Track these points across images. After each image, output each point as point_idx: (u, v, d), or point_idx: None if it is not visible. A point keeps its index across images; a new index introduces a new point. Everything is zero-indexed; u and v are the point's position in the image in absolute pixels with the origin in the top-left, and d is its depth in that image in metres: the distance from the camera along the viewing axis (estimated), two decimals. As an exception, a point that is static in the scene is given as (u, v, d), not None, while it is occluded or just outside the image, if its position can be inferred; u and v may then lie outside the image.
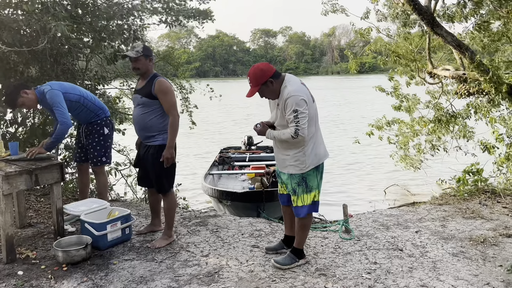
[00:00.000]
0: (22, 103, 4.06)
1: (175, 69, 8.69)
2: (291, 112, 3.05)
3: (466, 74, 6.51)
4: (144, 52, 3.62)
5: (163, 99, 3.61)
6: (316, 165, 3.25)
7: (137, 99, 3.71)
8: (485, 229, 4.15)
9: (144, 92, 3.65)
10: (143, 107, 3.67)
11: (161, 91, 3.60)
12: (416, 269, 3.31)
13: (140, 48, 3.62)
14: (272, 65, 3.25)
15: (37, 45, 4.67)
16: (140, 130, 3.76)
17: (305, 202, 3.26)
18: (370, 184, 10.08)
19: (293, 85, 3.12)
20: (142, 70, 3.66)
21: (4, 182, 3.33)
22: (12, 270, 3.35)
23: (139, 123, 3.73)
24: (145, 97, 3.63)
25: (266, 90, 3.18)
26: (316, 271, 3.31)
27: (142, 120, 3.68)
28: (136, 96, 3.73)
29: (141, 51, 3.60)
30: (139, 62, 3.63)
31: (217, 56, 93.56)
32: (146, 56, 3.63)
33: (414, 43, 7.69)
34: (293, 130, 3.06)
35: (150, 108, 3.64)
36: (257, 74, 3.13)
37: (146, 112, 3.66)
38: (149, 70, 3.70)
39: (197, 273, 3.28)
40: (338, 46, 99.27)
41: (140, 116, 3.69)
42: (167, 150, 3.63)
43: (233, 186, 7.86)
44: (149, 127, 3.67)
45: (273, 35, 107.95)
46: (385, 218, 4.62)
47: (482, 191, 5.48)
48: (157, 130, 3.67)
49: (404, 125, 8.17)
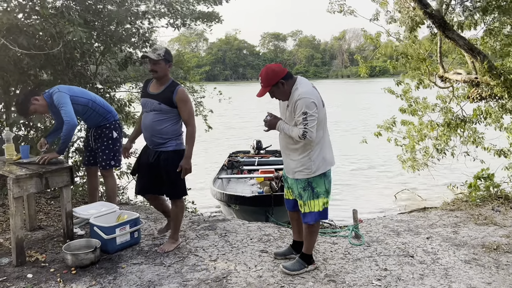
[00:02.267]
0: (34, 110, 4.11)
1: (186, 72, 8.72)
2: (300, 114, 3.03)
3: (478, 78, 6.44)
4: (166, 56, 3.54)
5: (183, 108, 3.56)
6: (323, 171, 3.22)
7: (153, 105, 3.58)
8: (498, 236, 4.07)
9: (163, 99, 3.55)
10: (159, 114, 3.57)
11: (182, 100, 3.55)
12: (428, 276, 3.25)
13: (162, 51, 3.53)
14: None
15: (51, 49, 4.73)
16: (151, 136, 3.64)
17: (313, 208, 3.23)
18: (380, 189, 10.00)
19: (304, 87, 3.11)
20: (160, 74, 3.56)
21: (14, 185, 3.36)
22: (21, 272, 3.36)
23: (152, 129, 3.61)
24: (164, 104, 3.54)
25: (277, 91, 3.17)
26: (325, 277, 3.27)
27: (156, 126, 3.58)
28: (152, 101, 3.59)
29: (162, 54, 3.52)
30: (158, 66, 3.53)
31: (227, 60, 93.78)
32: (166, 61, 3.55)
33: (424, 47, 7.64)
34: (300, 132, 3.04)
35: (167, 115, 3.57)
36: (269, 75, 3.13)
37: (162, 119, 3.57)
38: (167, 76, 3.63)
39: (205, 277, 3.27)
40: (348, 49, 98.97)
41: (154, 122, 3.58)
42: (186, 160, 3.58)
43: (242, 190, 7.84)
44: (163, 134, 3.59)
45: (283, 39, 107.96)
46: (396, 224, 4.56)
47: (495, 197, 5.39)
48: (170, 136, 3.61)
49: (413, 127, 8.11)
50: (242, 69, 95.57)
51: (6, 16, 4.48)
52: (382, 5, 7.27)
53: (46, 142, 4.31)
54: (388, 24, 7.41)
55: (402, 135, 8.27)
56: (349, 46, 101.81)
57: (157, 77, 3.60)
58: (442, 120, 7.48)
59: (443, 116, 7.46)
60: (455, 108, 7.45)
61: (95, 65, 6.29)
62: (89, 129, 4.52)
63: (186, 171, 3.60)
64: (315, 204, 3.22)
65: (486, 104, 6.73)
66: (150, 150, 3.70)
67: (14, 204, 3.38)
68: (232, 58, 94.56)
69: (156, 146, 3.65)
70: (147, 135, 3.67)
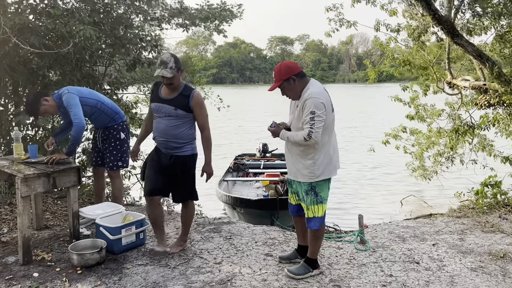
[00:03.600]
0: (44, 111, 4.13)
1: (191, 75, 8.74)
2: (308, 113, 3.04)
3: (486, 85, 6.40)
4: (177, 65, 3.42)
5: (199, 112, 3.53)
6: (327, 177, 3.22)
7: (168, 110, 3.51)
8: (505, 244, 4.04)
9: (179, 104, 3.49)
10: (175, 119, 3.51)
11: (198, 104, 3.52)
12: (433, 283, 3.23)
13: (172, 64, 3.38)
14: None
15: (61, 49, 4.77)
16: (167, 141, 3.56)
17: (316, 213, 3.23)
18: (386, 194, 9.94)
19: (315, 88, 3.13)
20: (176, 85, 3.50)
21: (22, 184, 3.39)
22: (27, 271, 3.39)
23: (167, 134, 3.54)
24: (180, 109, 3.48)
25: (288, 87, 3.18)
26: (330, 282, 3.26)
27: (172, 131, 3.52)
28: (166, 106, 3.52)
29: (174, 67, 3.39)
30: (174, 79, 3.44)
31: (234, 63, 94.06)
32: (178, 69, 3.44)
33: (433, 53, 7.61)
34: (306, 132, 3.04)
35: (182, 120, 3.53)
36: (282, 69, 3.17)
37: (179, 124, 3.52)
38: (180, 82, 3.57)
39: (209, 280, 3.27)
40: (356, 54, 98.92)
41: (170, 127, 3.52)
42: (208, 166, 3.63)
43: (247, 193, 7.84)
44: (179, 138, 3.54)
45: (290, 42, 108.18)
46: (402, 230, 4.54)
47: (502, 204, 5.35)
48: (186, 141, 3.58)
49: (421, 135, 8.07)
50: (249, 72, 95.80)
51: (18, 16, 4.53)
52: (392, 13, 7.24)
53: (54, 141, 4.35)
54: (395, 32, 7.38)
55: (411, 143, 8.22)
56: (356, 51, 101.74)
57: (173, 88, 3.52)
58: (450, 127, 7.43)
59: (452, 122, 7.41)
60: (464, 115, 7.40)
61: (104, 66, 6.33)
62: (97, 130, 4.55)
63: (209, 175, 3.65)
64: (319, 209, 3.22)
65: (494, 112, 6.68)
66: (163, 154, 3.63)
67: (21, 203, 3.41)
68: (239, 61, 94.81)
69: (171, 151, 3.59)
70: (162, 140, 3.59)
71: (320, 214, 3.23)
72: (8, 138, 5.37)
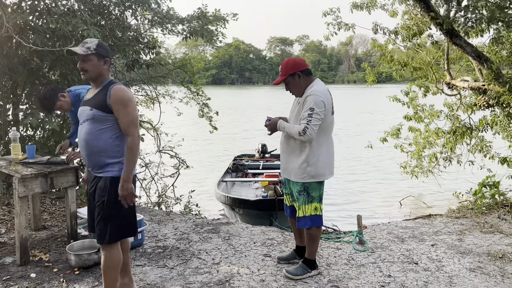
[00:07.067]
0: (60, 106, 3.95)
1: (191, 76, 8.73)
2: (307, 109, 3.05)
3: (485, 85, 6.40)
4: (98, 50, 2.69)
5: (120, 111, 2.64)
6: (321, 179, 3.22)
7: (85, 113, 2.73)
8: (504, 244, 4.04)
9: (94, 103, 2.69)
10: (93, 123, 2.68)
11: (118, 101, 2.64)
12: (432, 284, 3.23)
13: (93, 44, 2.69)
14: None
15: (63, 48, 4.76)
16: (88, 156, 2.73)
17: (306, 212, 3.23)
18: (385, 195, 9.94)
19: (319, 87, 3.15)
20: (92, 74, 2.70)
21: (20, 185, 3.38)
22: (25, 272, 3.38)
23: (87, 146, 2.71)
24: (96, 109, 2.67)
25: (292, 82, 3.20)
26: (328, 282, 3.25)
27: (92, 141, 2.68)
28: (84, 108, 2.76)
29: (93, 48, 2.68)
30: (88, 63, 2.68)
31: (233, 63, 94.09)
32: (99, 55, 2.70)
33: (432, 54, 7.61)
34: (302, 127, 3.05)
35: (103, 125, 2.67)
36: (288, 64, 3.21)
37: (98, 130, 2.67)
38: (103, 75, 2.74)
39: (208, 281, 3.26)
40: (355, 55, 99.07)
41: (89, 135, 2.69)
42: (124, 184, 2.63)
43: (246, 193, 7.83)
44: (102, 152, 2.68)
45: (289, 43, 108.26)
46: (400, 230, 4.54)
47: (501, 205, 5.35)
48: (112, 156, 2.69)
49: (419, 134, 8.07)
50: (249, 73, 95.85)
51: (20, 15, 4.54)
52: (392, 13, 7.23)
53: (70, 143, 4.22)
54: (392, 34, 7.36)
55: (408, 142, 8.22)
56: (356, 52, 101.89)
57: (88, 77, 2.73)
58: (448, 127, 7.43)
59: (450, 123, 7.41)
60: (463, 116, 7.40)
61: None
62: None
63: (125, 198, 2.64)
64: (309, 208, 3.22)
65: (492, 113, 6.68)
66: (90, 175, 2.85)
67: (19, 203, 3.40)
68: (239, 62, 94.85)
69: (95, 170, 2.75)
70: (83, 154, 2.78)
71: (309, 213, 3.22)
72: (7, 138, 5.36)
